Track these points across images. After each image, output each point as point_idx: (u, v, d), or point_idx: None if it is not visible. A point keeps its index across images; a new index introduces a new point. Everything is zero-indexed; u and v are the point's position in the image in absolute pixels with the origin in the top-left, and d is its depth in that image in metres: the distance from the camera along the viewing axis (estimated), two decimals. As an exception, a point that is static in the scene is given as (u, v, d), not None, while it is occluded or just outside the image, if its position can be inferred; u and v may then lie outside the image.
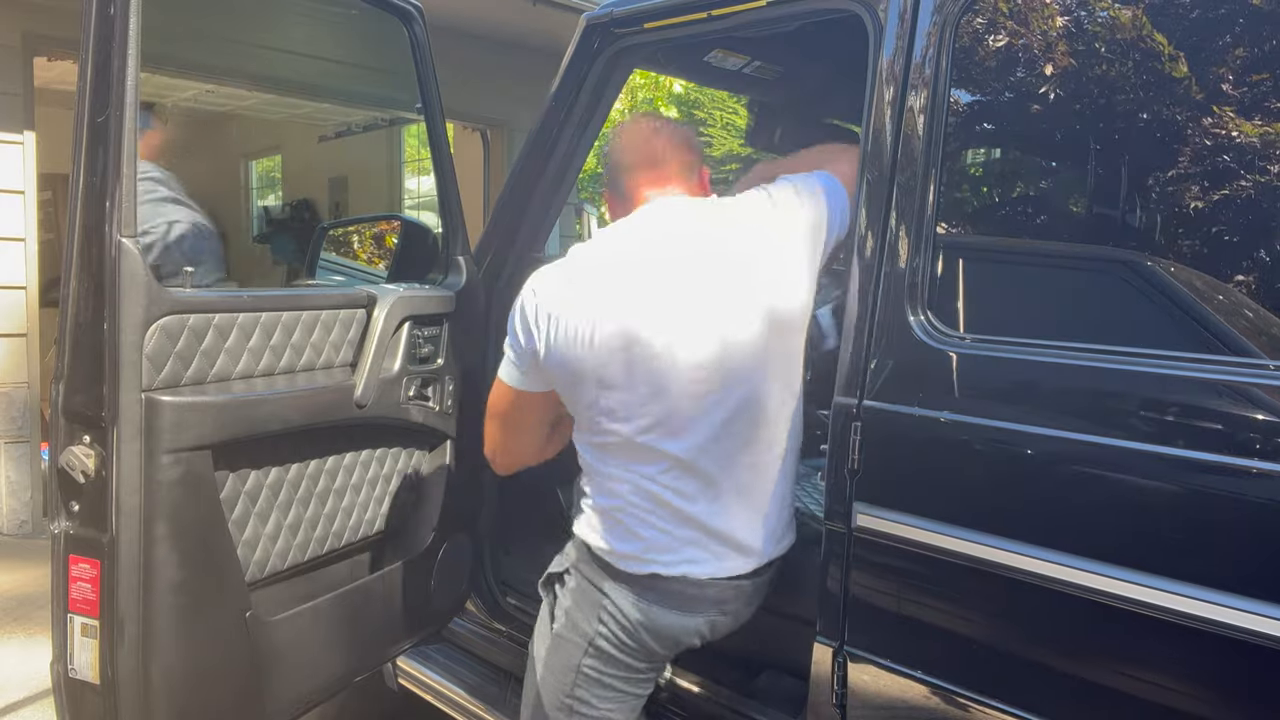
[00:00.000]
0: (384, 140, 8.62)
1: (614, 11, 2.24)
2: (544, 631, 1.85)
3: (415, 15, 2.36)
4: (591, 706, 1.77)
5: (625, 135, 1.91)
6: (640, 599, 1.74)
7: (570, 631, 1.79)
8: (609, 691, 1.78)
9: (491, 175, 7.22)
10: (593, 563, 1.78)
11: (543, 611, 1.87)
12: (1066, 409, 1.52)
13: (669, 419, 1.69)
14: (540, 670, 1.83)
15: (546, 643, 1.82)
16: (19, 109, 4.87)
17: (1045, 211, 1.78)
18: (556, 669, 1.79)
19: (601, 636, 1.76)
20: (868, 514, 1.70)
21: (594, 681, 1.77)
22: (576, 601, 1.79)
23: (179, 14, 4.49)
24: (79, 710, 1.81)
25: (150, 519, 1.73)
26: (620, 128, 1.95)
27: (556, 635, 1.81)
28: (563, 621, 1.80)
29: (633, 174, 1.86)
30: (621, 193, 1.88)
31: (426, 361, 2.32)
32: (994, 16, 1.67)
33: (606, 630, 1.75)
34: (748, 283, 1.72)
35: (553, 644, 1.81)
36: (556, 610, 1.82)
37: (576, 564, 1.81)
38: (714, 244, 1.76)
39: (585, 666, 1.77)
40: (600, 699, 1.77)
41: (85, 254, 1.70)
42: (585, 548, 1.80)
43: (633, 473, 1.73)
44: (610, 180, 1.91)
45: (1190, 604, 1.35)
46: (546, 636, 1.83)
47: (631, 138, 1.89)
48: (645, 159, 1.86)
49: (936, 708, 1.65)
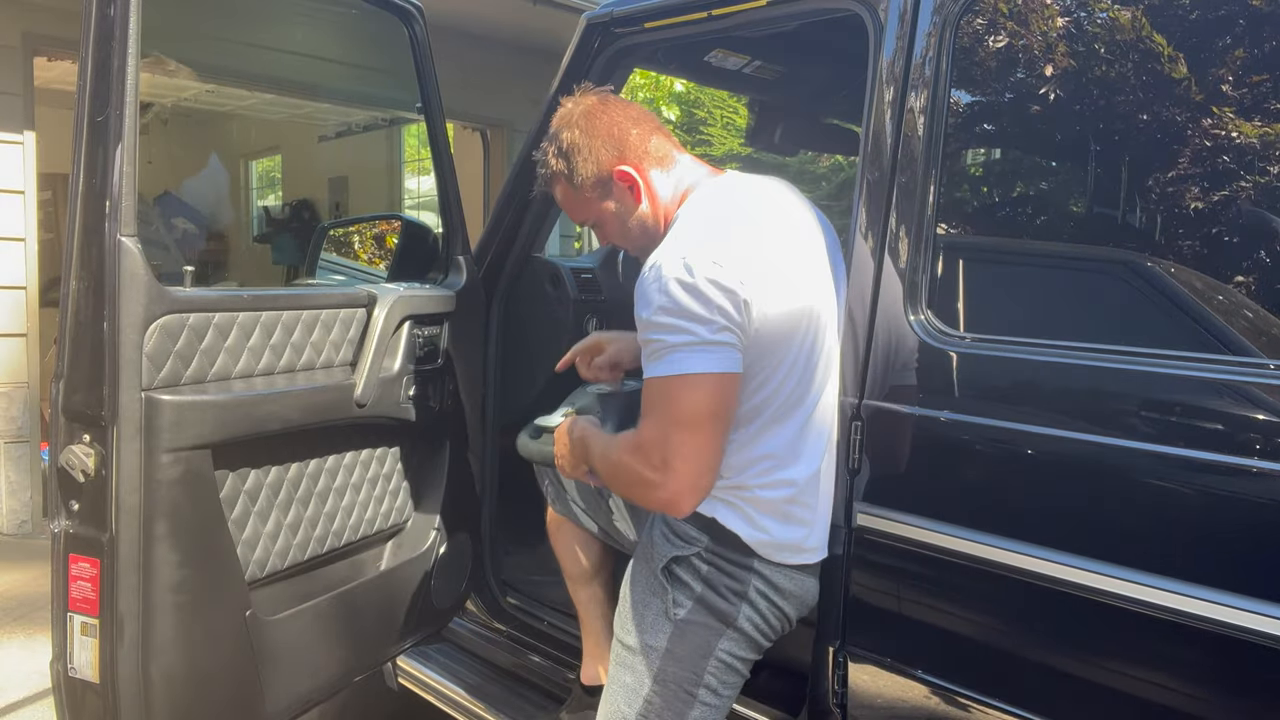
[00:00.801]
0: (384, 140, 8.62)
1: (614, 11, 2.24)
2: (653, 622, 1.70)
3: (415, 15, 2.37)
4: (717, 695, 1.69)
5: (613, 108, 1.79)
6: (795, 570, 1.70)
7: (704, 615, 1.67)
8: (736, 678, 1.72)
9: (491, 175, 7.22)
10: (735, 548, 1.68)
11: (643, 603, 1.73)
12: (1066, 409, 1.52)
13: (817, 396, 1.70)
14: (659, 662, 1.68)
15: (665, 632, 1.68)
16: (19, 109, 4.87)
17: (1045, 211, 1.78)
18: (684, 657, 1.67)
19: (746, 617, 1.68)
20: (868, 513, 1.70)
21: (727, 667, 1.69)
22: (713, 584, 1.68)
23: (179, 14, 4.49)
24: (79, 709, 1.81)
25: (150, 518, 1.73)
26: (586, 110, 1.78)
27: (683, 622, 1.68)
28: (690, 607, 1.68)
29: (656, 134, 1.79)
30: (652, 157, 1.77)
31: (426, 361, 2.32)
32: (994, 17, 1.67)
33: (752, 610, 1.68)
34: (834, 270, 1.77)
35: (676, 632, 1.68)
36: (678, 597, 1.69)
37: (711, 547, 1.68)
38: (816, 224, 1.79)
39: (721, 651, 1.68)
40: (725, 686, 1.70)
41: (85, 253, 1.70)
42: (722, 532, 1.68)
43: (808, 457, 1.69)
44: (613, 143, 1.76)
45: (1191, 603, 1.35)
46: (663, 626, 1.69)
47: (615, 107, 1.80)
48: (644, 116, 1.81)
49: (936, 707, 1.65)
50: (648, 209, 1.77)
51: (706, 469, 1.57)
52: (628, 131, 1.76)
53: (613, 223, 1.82)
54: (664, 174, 1.78)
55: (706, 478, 1.58)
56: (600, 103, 1.79)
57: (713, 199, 1.73)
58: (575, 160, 1.76)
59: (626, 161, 1.75)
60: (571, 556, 2.21)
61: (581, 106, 1.79)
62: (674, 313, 1.53)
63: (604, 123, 1.76)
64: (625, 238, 1.84)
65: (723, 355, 1.54)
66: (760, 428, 1.65)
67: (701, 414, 1.54)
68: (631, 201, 1.77)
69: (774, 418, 1.65)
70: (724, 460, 1.64)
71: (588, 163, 1.76)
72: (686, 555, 1.68)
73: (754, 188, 1.79)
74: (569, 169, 1.78)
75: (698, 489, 1.58)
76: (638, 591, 1.74)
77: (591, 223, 1.86)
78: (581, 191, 1.79)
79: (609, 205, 1.80)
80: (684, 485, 1.56)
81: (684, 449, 1.54)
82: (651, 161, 1.77)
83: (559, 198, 1.86)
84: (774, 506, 1.66)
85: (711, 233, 1.62)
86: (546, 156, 1.81)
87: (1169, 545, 1.40)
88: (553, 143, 1.80)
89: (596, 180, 1.77)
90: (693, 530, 1.69)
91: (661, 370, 1.55)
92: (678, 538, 1.70)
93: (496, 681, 2.51)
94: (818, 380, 1.69)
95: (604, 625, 2.17)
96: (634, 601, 1.74)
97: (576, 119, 1.78)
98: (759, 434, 1.65)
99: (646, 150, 1.77)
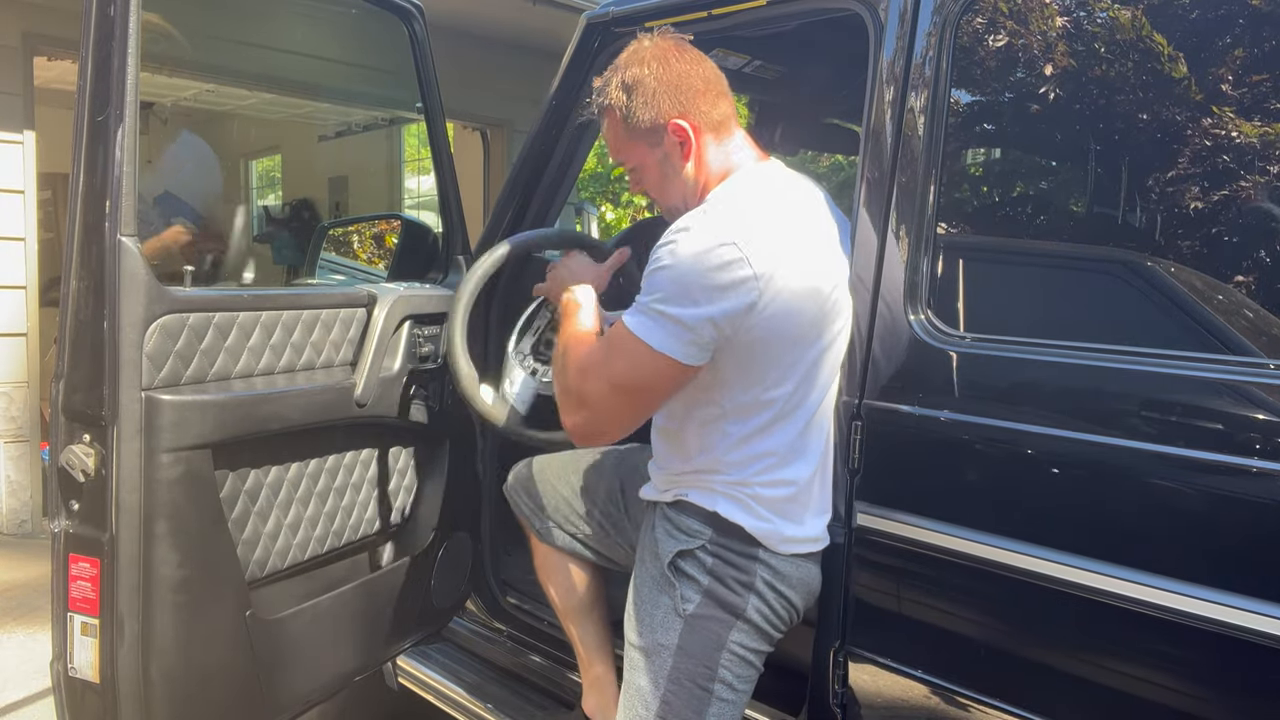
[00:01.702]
0: (384, 140, 8.62)
1: (614, 11, 2.24)
2: (662, 620, 1.69)
3: (415, 14, 2.37)
4: (732, 690, 1.68)
5: (688, 57, 1.71)
6: (798, 558, 1.69)
7: (713, 608, 1.66)
8: (751, 671, 1.70)
9: (491, 175, 7.22)
10: (740, 539, 1.67)
11: (651, 602, 1.71)
12: (1066, 408, 1.52)
13: (820, 395, 1.70)
14: (672, 660, 1.67)
15: (676, 629, 1.67)
16: (19, 109, 4.87)
17: (1045, 211, 1.78)
18: (696, 652, 1.66)
19: (754, 608, 1.66)
20: (868, 513, 1.70)
21: (740, 660, 1.68)
22: (719, 576, 1.66)
23: (179, 14, 4.49)
24: (79, 709, 1.81)
25: (150, 518, 1.73)
26: (662, 52, 1.70)
27: (693, 617, 1.66)
28: (698, 601, 1.66)
29: (723, 98, 1.72)
30: (711, 121, 1.70)
31: (426, 361, 2.32)
32: (994, 16, 1.67)
33: (759, 600, 1.67)
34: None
35: (687, 627, 1.66)
36: (686, 593, 1.67)
37: (715, 539, 1.67)
38: (838, 230, 1.77)
39: (733, 643, 1.66)
40: (740, 680, 1.69)
41: (85, 253, 1.70)
42: (725, 524, 1.67)
43: (812, 454, 1.70)
44: (679, 96, 1.68)
45: (1191, 603, 1.35)
46: (673, 623, 1.67)
47: (690, 57, 1.72)
48: (716, 76, 1.72)
49: (936, 707, 1.65)
50: (691, 171, 1.72)
51: (613, 426, 1.66)
52: (697, 88, 1.69)
53: (653, 173, 1.76)
54: (717, 144, 1.72)
55: (609, 433, 1.67)
56: (677, 48, 1.71)
57: (752, 185, 1.69)
58: (635, 99, 1.69)
59: (687, 118, 1.68)
60: (564, 590, 2.17)
61: (658, 47, 1.71)
62: (674, 281, 1.54)
63: (675, 71, 1.69)
64: (660, 192, 1.78)
65: (690, 345, 1.55)
66: (765, 424, 1.64)
67: (639, 385, 1.60)
68: (679, 159, 1.71)
69: (779, 415, 1.65)
70: (724, 456, 1.65)
71: (648, 107, 1.69)
72: (691, 549, 1.68)
73: (792, 182, 1.76)
74: (627, 106, 1.70)
75: (591, 436, 1.69)
76: (644, 593, 1.73)
77: (631, 166, 1.79)
78: (632, 131, 1.72)
79: (655, 154, 1.73)
80: (590, 424, 1.66)
81: (608, 402, 1.63)
82: (709, 126, 1.70)
83: (606, 129, 1.79)
84: (774, 504, 1.66)
85: (743, 219, 1.59)
86: (608, 86, 1.72)
87: (1169, 545, 1.40)
88: (618, 73, 1.72)
89: (651, 126, 1.70)
90: (695, 524, 1.69)
91: (633, 325, 1.58)
92: (681, 532, 1.70)
93: (496, 681, 2.51)
94: (824, 381, 1.69)
95: (602, 659, 2.16)
96: (642, 603, 1.73)
97: (650, 58, 1.69)
98: (763, 430, 1.65)
99: (710, 113, 1.70)
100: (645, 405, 1.65)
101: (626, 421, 1.66)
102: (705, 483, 1.68)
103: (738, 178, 1.71)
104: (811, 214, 1.73)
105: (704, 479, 1.69)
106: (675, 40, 1.73)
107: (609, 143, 1.81)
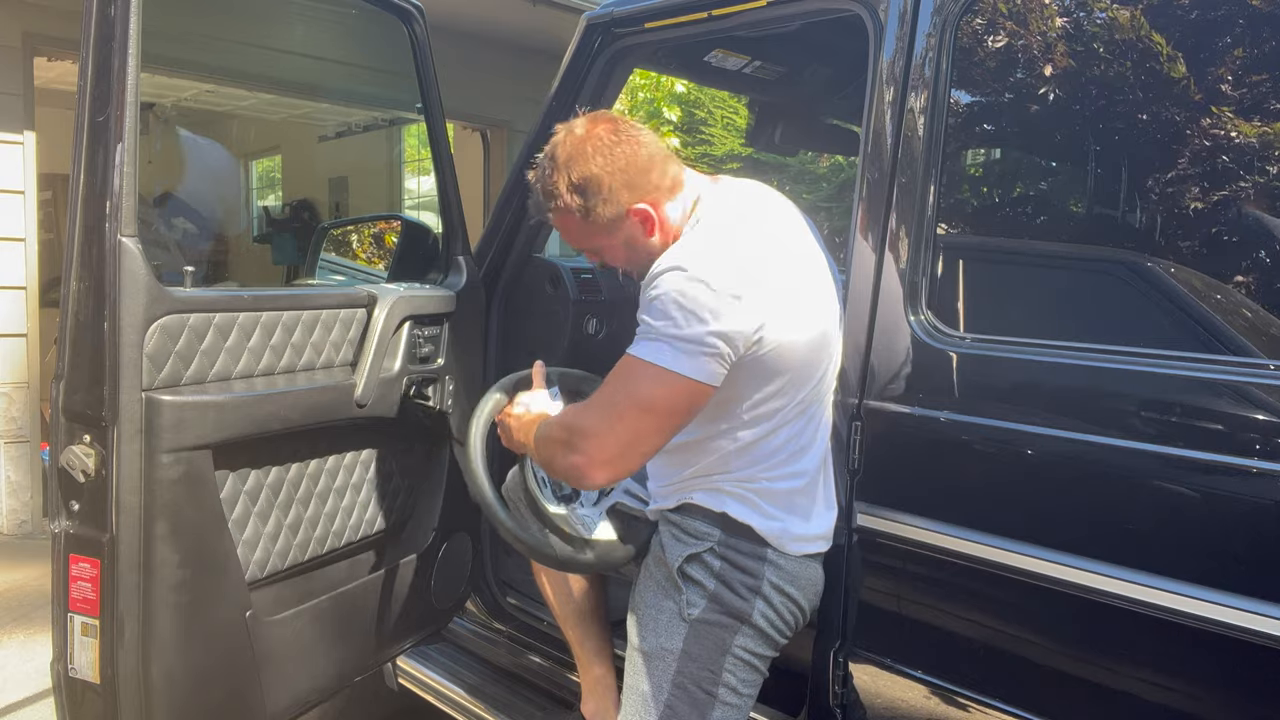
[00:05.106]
0: (384, 140, 8.62)
1: (614, 11, 2.24)
2: (667, 624, 1.69)
3: (415, 15, 2.37)
4: (737, 694, 1.68)
5: (625, 139, 1.68)
6: (804, 559, 1.70)
7: (718, 614, 1.66)
8: (755, 675, 1.71)
9: (491, 175, 7.22)
10: (748, 539, 1.67)
11: (656, 606, 1.71)
12: (1066, 409, 1.52)
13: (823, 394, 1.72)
14: (676, 664, 1.66)
15: (680, 633, 1.66)
16: (19, 109, 4.87)
17: (1045, 212, 1.78)
18: (701, 657, 1.66)
19: (760, 613, 1.66)
20: (868, 513, 1.70)
21: (745, 665, 1.68)
22: (727, 580, 1.66)
23: (179, 14, 4.49)
24: (79, 709, 1.81)
25: (150, 518, 1.73)
26: (601, 145, 1.67)
27: (697, 621, 1.66)
28: (704, 606, 1.66)
29: (668, 162, 1.71)
30: (665, 189, 1.69)
31: (427, 361, 2.32)
32: (994, 17, 1.67)
33: (766, 605, 1.66)
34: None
35: (691, 632, 1.66)
36: (692, 597, 1.67)
37: (724, 540, 1.67)
38: (807, 227, 1.79)
39: (738, 648, 1.66)
40: (745, 685, 1.69)
41: (85, 253, 1.70)
42: (734, 525, 1.67)
43: (817, 450, 1.72)
44: (633, 182, 1.67)
45: (1190, 603, 1.35)
46: (678, 628, 1.67)
47: (628, 138, 1.70)
48: (655, 144, 1.72)
49: (936, 707, 1.65)
50: (658, 239, 1.71)
51: (632, 453, 1.57)
52: (645, 167, 1.67)
53: (619, 253, 1.75)
54: (674, 202, 1.71)
55: (628, 462, 1.57)
56: (611, 131, 1.68)
57: (720, 210, 1.69)
58: (593, 200, 1.67)
59: (645, 199, 1.67)
60: (563, 594, 2.16)
61: (594, 137, 1.67)
62: (674, 309, 1.52)
63: (623, 158, 1.66)
64: (628, 263, 1.77)
65: (701, 363, 1.52)
66: (772, 428, 1.66)
67: (660, 409, 1.55)
68: (644, 236, 1.70)
69: (785, 419, 1.66)
70: (733, 458, 1.66)
71: (609, 204, 1.67)
72: (699, 552, 1.68)
73: (749, 194, 1.78)
74: (584, 206, 1.68)
75: (611, 466, 1.57)
76: (649, 598, 1.73)
77: (592, 250, 1.77)
78: (593, 226, 1.71)
79: (618, 238, 1.72)
80: (604, 456, 1.55)
81: (630, 431, 1.55)
82: (666, 194, 1.70)
83: (560, 225, 1.76)
84: (784, 497, 1.67)
85: (722, 245, 1.60)
86: (556, 189, 1.69)
87: (1168, 545, 1.40)
88: (561, 174, 1.68)
89: (614, 218, 1.68)
90: (703, 525, 1.68)
91: (638, 351, 1.55)
92: (689, 535, 1.69)
93: (496, 681, 2.51)
94: (827, 381, 1.72)
95: (601, 662, 2.15)
96: (646, 606, 1.73)
97: (592, 152, 1.66)
98: (770, 433, 1.66)
99: (662, 184, 1.69)
100: (660, 425, 1.57)
101: (641, 444, 1.58)
102: (711, 483, 1.68)
103: (704, 209, 1.70)
104: (777, 222, 1.75)
105: (710, 480, 1.69)
106: (605, 121, 1.70)
107: (566, 237, 1.78)
